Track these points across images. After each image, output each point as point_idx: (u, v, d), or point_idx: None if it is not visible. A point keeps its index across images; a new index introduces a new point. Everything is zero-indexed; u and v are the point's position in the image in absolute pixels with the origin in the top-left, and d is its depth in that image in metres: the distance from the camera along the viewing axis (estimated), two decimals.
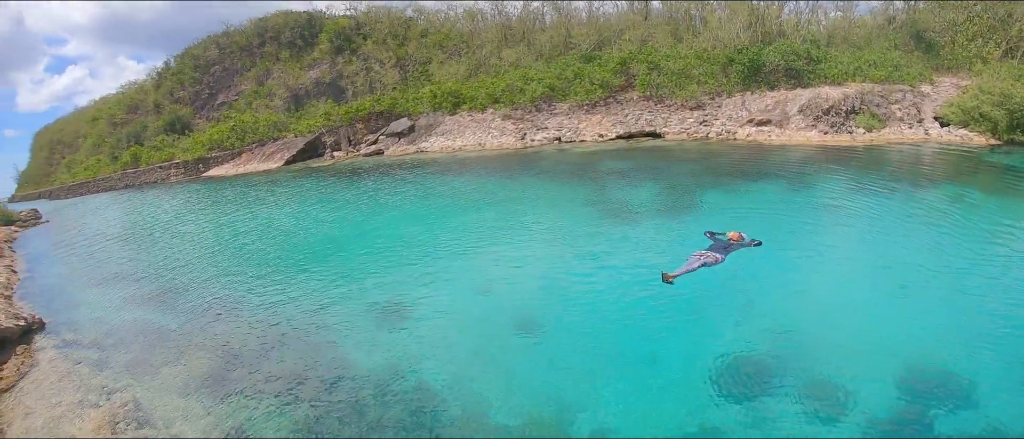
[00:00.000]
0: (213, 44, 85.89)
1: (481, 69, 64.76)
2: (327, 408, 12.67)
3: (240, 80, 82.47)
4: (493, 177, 38.45)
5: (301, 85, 75.25)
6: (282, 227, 32.18)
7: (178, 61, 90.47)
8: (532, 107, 54.18)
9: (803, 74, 44.72)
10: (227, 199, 47.00)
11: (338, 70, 74.30)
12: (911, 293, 15.90)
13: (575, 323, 15.58)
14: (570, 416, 11.66)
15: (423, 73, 69.18)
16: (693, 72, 48.03)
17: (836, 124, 39.70)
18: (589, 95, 51.40)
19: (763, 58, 45.96)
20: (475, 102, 57.98)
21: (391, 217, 31.24)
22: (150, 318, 19.78)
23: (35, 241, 41.07)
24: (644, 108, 49.05)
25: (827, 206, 24.32)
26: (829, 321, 14.77)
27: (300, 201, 39.59)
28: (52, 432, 12.89)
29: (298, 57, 78.56)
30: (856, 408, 11.29)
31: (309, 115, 70.38)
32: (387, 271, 21.31)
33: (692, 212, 24.63)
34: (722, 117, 45.22)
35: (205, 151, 72.80)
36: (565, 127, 51.43)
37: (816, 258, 18.79)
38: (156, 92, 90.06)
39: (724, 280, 16.41)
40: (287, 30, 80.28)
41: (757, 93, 45.35)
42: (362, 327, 16.69)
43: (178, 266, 26.65)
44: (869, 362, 12.59)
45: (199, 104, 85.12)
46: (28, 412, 13.90)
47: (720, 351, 13.38)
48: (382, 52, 72.44)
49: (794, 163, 32.71)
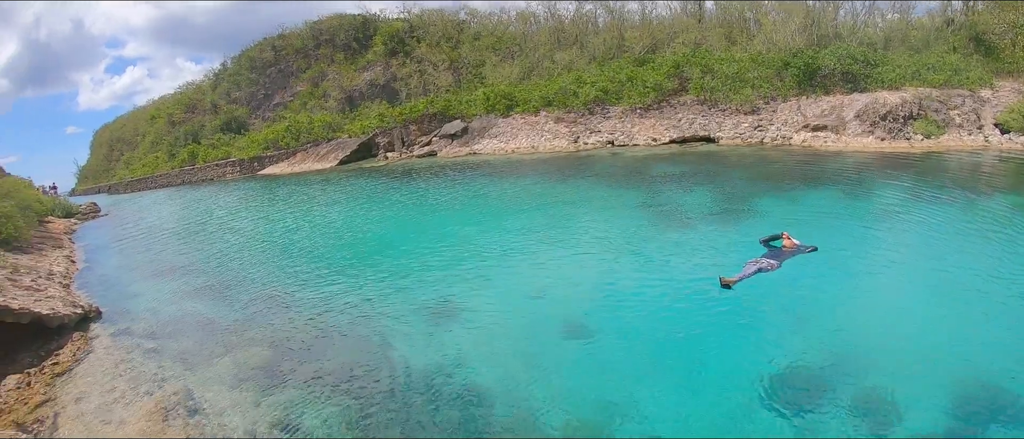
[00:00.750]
0: (269, 46, 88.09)
1: (534, 72, 65.33)
2: (375, 404, 12.77)
3: (295, 81, 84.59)
4: (545, 180, 38.65)
5: (355, 87, 76.95)
6: (334, 225, 32.92)
7: (235, 62, 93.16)
8: (585, 110, 54.42)
9: (859, 78, 44.26)
10: (281, 197, 48.04)
11: (392, 72, 75.80)
12: (969, 306, 15.29)
13: (625, 328, 15.47)
14: (616, 421, 11.60)
15: (476, 75, 70.18)
16: (747, 76, 47.59)
17: (893, 130, 39.17)
18: (642, 98, 51.35)
19: (819, 61, 45.58)
20: (528, 105, 58.50)
21: (443, 218, 31.54)
22: (203, 310, 20.22)
23: (94, 233, 42.27)
24: (698, 112, 48.90)
25: (884, 214, 23.87)
26: (882, 333, 14.41)
27: (353, 200, 40.19)
28: (104, 416, 13.16)
29: (352, 59, 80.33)
30: (906, 424, 11.02)
31: (363, 116, 71.86)
32: (438, 271, 21.48)
33: (746, 218, 24.40)
34: (777, 122, 44.93)
35: (261, 150, 75.08)
36: (618, 131, 51.66)
37: (871, 268, 18.47)
38: (213, 92, 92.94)
39: (778, 287, 16.14)
40: (342, 33, 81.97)
41: (813, 97, 44.95)
42: (412, 325, 16.82)
43: (232, 260, 27.38)
44: (922, 376, 12.27)
45: (255, 104, 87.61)
46: (81, 396, 14.19)
47: (770, 360, 13.19)
48: (435, 54, 73.66)
49: (850, 170, 32.22)
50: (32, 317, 17.14)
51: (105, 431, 12.57)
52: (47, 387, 14.62)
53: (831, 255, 17.80)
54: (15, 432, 11.66)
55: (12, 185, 38.74)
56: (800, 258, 13.42)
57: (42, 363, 15.98)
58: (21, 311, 16.84)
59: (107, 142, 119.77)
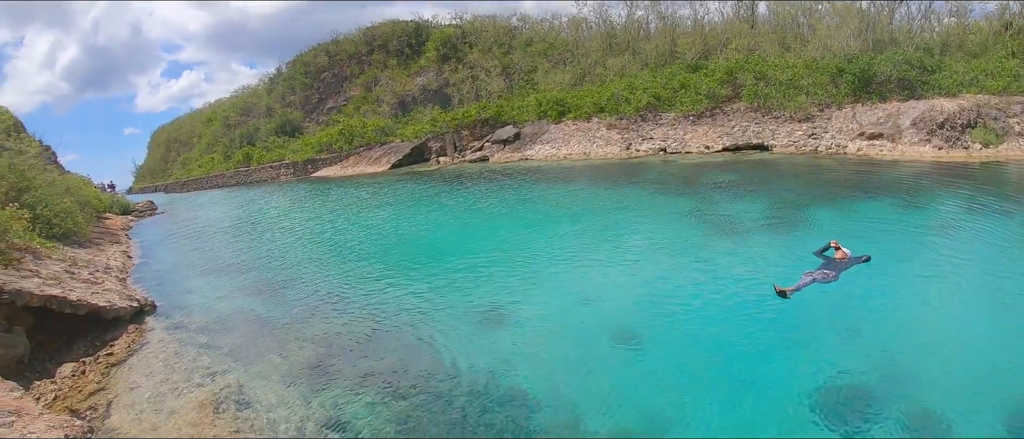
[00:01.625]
0: (323, 51, 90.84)
1: (586, 78, 66.07)
2: (422, 404, 12.87)
3: (349, 86, 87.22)
4: (597, 186, 38.77)
5: (408, 92, 79.05)
6: (385, 227, 33.36)
7: (289, 67, 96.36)
8: (637, 117, 54.79)
9: (916, 85, 43.57)
10: (333, 198, 48.92)
11: (444, 78, 77.71)
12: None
13: (674, 337, 15.35)
14: (662, 431, 11.49)
15: (528, 81, 71.42)
16: (802, 83, 47.19)
17: (951, 139, 38.63)
18: (695, 105, 51.46)
19: (874, 68, 44.97)
20: (580, 111, 59.12)
21: (494, 222, 31.69)
22: (255, 308, 20.45)
23: (150, 230, 43.20)
24: (751, 120, 48.87)
25: (941, 226, 22.79)
26: (938, 351, 13.82)
27: (404, 203, 40.69)
28: (156, 405, 13.47)
29: (405, 65, 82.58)
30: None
31: (415, 121, 73.81)
32: (487, 275, 21.53)
33: (799, 228, 23.99)
34: (832, 130, 44.63)
35: (314, 153, 77.43)
36: (670, 138, 51.96)
37: (926, 281, 17.78)
38: (268, 96, 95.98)
39: (830, 299, 15.83)
40: (395, 39, 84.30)
41: (868, 105, 44.39)
42: (460, 327, 16.85)
43: (284, 259, 27.76)
44: (979, 399, 11.80)
45: (309, 108, 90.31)
46: (134, 386, 14.52)
47: (819, 374, 12.89)
48: (487, 60, 75.25)
49: (907, 180, 31.75)
50: (89, 309, 17.70)
51: (156, 420, 12.95)
52: (102, 376, 15.11)
53: (885, 267, 17.49)
54: (69, 417, 11.75)
55: (72, 182, 40.07)
56: (855, 269, 13.46)
57: (97, 353, 16.53)
58: (78, 302, 17.41)
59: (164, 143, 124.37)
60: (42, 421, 10.20)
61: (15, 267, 17.94)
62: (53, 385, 14.33)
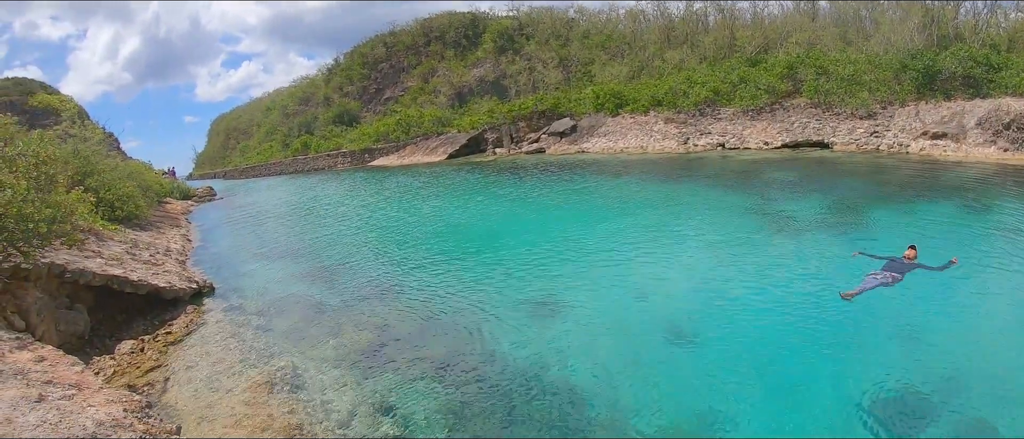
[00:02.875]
0: (380, 43, 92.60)
1: (643, 71, 66.08)
2: (473, 394, 13.01)
3: (406, 77, 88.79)
4: (654, 181, 38.91)
5: (465, 83, 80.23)
6: (441, 217, 33.61)
7: (347, 58, 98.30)
8: (695, 111, 54.77)
9: (982, 83, 42.52)
10: (389, 187, 49.98)
11: (501, 69, 78.73)
12: None
13: (728, 336, 15.27)
14: (711, 431, 11.50)
15: (585, 73, 71.78)
16: (863, 78, 46.44)
17: (1018, 140, 37.74)
18: (754, 100, 51.24)
19: (939, 64, 43.97)
20: (637, 104, 59.35)
21: (549, 215, 31.85)
22: (311, 292, 20.78)
23: (209, 214, 45.09)
24: (811, 116, 48.54)
25: (1007, 232, 22.00)
26: (996, 364, 13.48)
27: (460, 193, 41.32)
28: (212, 384, 13.78)
29: (462, 56, 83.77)
30: None
31: (472, 112, 74.78)
32: (541, 267, 21.64)
33: (860, 229, 23.65)
34: (894, 128, 44.15)
35: (371, 142, 79.40)
36: (728, 133, 52.05)
37: (990, 290, 17.54)
38: (326, 86, 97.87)
39: (892, 304, 15.83)
40: (451, 30, 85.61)
41: (932, 103, 43.54)
42: (513, 320, 16.87)
43: (340, 246, 28.19)
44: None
45: (366, 98, 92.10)
46: (191, 365, 14.88)
47: (875, 381, 12.73)
48: (544, 52, 75.92)
49: (972, 182, 31.06)
50: (149, 289, 18.35)
51: (212, 397, 13.24)
52: (160, 354, 15.53)
53: (948, 276, 16.61)
54: (127, 392, 11.83)
55: (134, 168, 41.80)
56: (920, 274, 13.18)
57: (156, 332, 17.03)
58: (139, 282, 18.09)
59: (223, 131, 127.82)
60: (102, 395, 10.59)
61: (79, 247, 18.86)
62: (112, 361, 14.93)
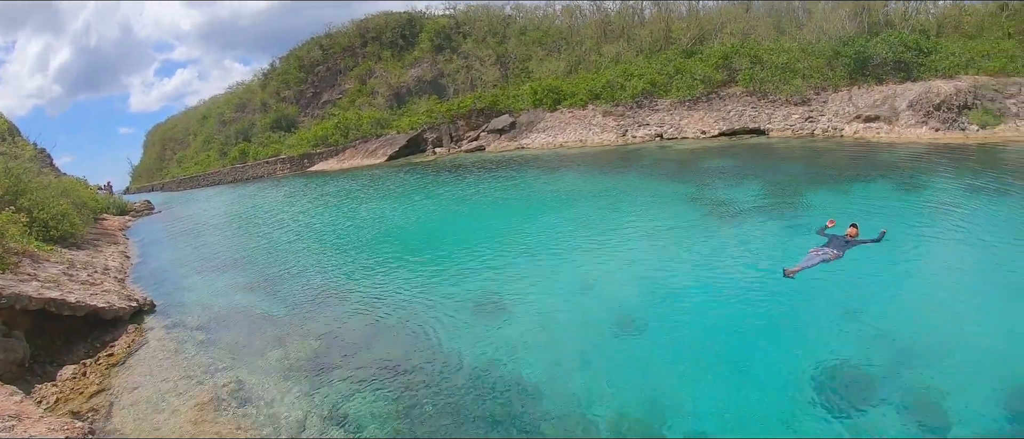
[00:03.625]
0: (316, 45, 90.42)
1: (581, 65, 65.72)
2: (423, 396, 12.87)
3: (343, 79, 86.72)
4: (594, 174, 38.73)
5: (403, 83, 78.57)
6: (383, 220, 33.11)
7: (283, 62, 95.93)
8: (633, 104, 54.60)
9: (912, 67, 43.33)
10: (330, 192, 48.88)
11: (439, 68, 77.25)
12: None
13: (674, 323, 15.34)
14: (663, 418, 11.56)
15: (523, 70, 70.95)
16: (797, 66, 47.02)
17: (947, 120, 38.43)
18: (690, 91, 51.32)
19: (870, 50, 44.69)
20: (575, 99, 59.04)
21: (491, 212, 31.80)
22: (254, 303, 20.46)
23: (147, 229, 43.35)
24: (747, 104, 48.69)
25: (940, 208, 22.97)
26: (937, 331, 13.96)
27: (401, 195, 40.74)
28: (157, 405, 13.42)
29: (399, 56, 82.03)
30: (958, 427, 10.79)
31: (411, 112, 73.49)
32: (486, 265, 21.50)
33: (798, 213, 24.04)
34: (828, 113, 44.56)
35: (310, 147, 77.27)
36: (666, 124, 51.84)
37: (926, 263, 18.15)
38: (262, 92, 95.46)
39: (831, 282, 16.11)
40: (388, 30, 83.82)
41: (864, 88, 44.19)
42: (460, 320, 16.82)
43: (281, 255, 27.72)
44: (977, 378, 11.96)
45: (304, 103, 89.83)
46: (135, 386, 14.47)
47: (820, 357, 13.00)
48: (482, 50, 74.81)
49: (904, 162, 31.59)
50: (88, 310, 17.69)
51: (158, 419, 12.91)
52: (102, 377, 15.04)
53: (885, 250, 17.43)
54: (72, 420, 11.84)
55: (68, 185, 40.09)
56: (859, 250, 13.37)
57: (98, 354, 16.50)
58: (78, 304, 17.42)
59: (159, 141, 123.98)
60: (43, 424, 10.37)
61: (13, 271, 17.99)
62: (54, 388, 14.34)
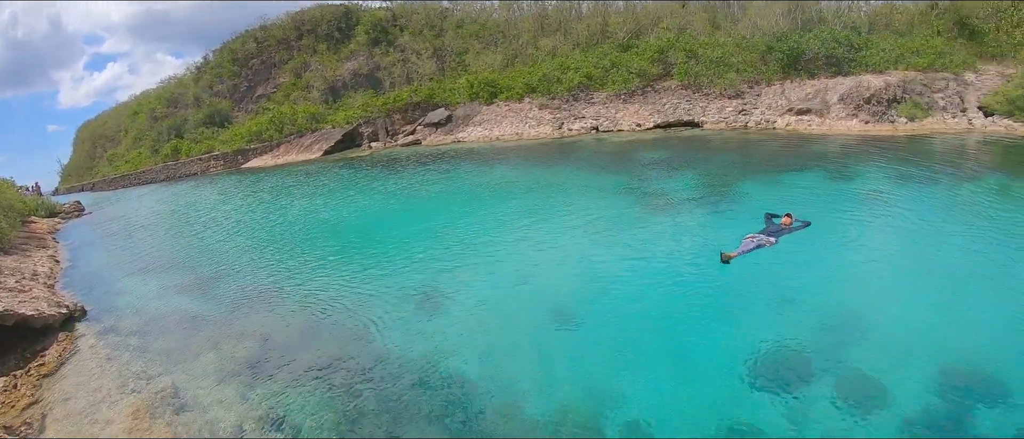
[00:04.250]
0: (251, 38, 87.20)
1: (518, 59, 65.00)
2: (362, 395, 12.76)
3: (278, 73, 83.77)
4: (530, 167, 38.71)
5: (338, 77, 76.27)
6: (319, 217, 32.77)
7: (217, 55, 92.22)
8: (569, 96, 54.55)
9: (844, 62, 44.44)
10: (265, 189, 47.84)
11: (375, 62, 75.09)
12: (953, 287, 15.56)
13: (612, 313, 15.48)
14: (604, 409, 11.61)
15: (460, 63, 69.56)
16: (732, 60, 47.76)
17: (877, 113, 39.27)
18: (626, 84, 51.57)
19: (803, 45, 45.70)
20: (512, 92, 58.53)
21: (427, 206, 31.41)
22: (188, 306, 20.18)
23: (78, 232, 42.15)
24: (682, 97, 49.05)
25: (869, 197, 23.80)
26: (868, 315, 14.38)
27: (337, 191, 40.23)
28: (91, 416, 13.08)
29: (335, 49, 79.51)
30: (892, 406, 11.15)
31: (347, 106, 71.71)
32: (423, 260, 21.44)
33: (731, 201, 24.49)
34: (761, 106, 45.07)
35: (244, 143, 74.79)
36: (602, 116, 51.75)
37: (857, 250, 18.65)
38: (195, 86, 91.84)
39: (766, 269, 16.38)
40: (324, 23, 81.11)
41: (797, 82, 45.06)
42: (398, 316, 16.73)
43: (216, 255, 27.30)
44: (908, 358, 12.35)
45: (238, 97, 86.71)
46: (68, 396, 14.15)
47: (757, 343, 13.26)
48: (419, 43, 72.89)
49: (835, 153, 32.45)
50: (17, 319, 17.03)
51: (92, 430, 12.59)
52: (34, 389, 14.66)
53: (817, 236, 17.66)
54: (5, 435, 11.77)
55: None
56: (794, 236, 13.47)
57: (28, 365, 15.95)
58: (6, 313, 16.74)
59: (89, 139, 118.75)
60: None
61: None
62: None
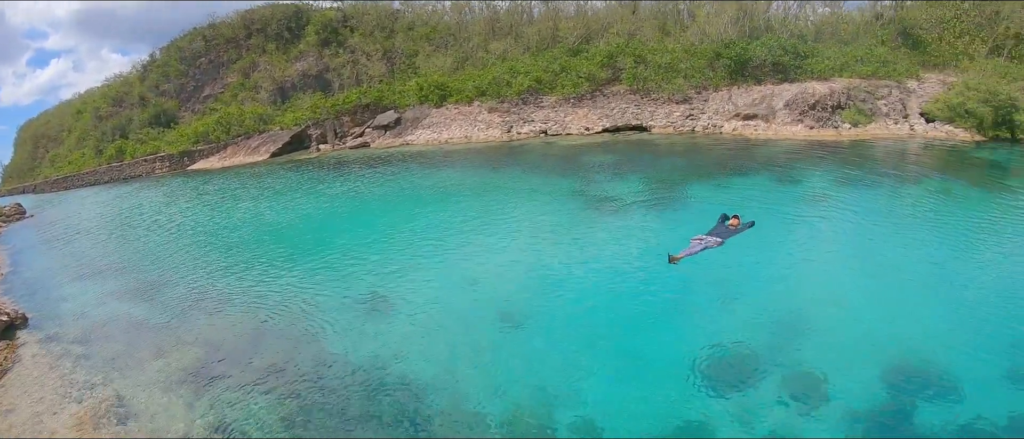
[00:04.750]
0: (199, 36, 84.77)
1: (468, 62, 64.41)
2: (311, 400, 12.74)
3: (226, 73, 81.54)
4: (479, 170, 38.79)
5: (287, 78, 74.56)
6: (266, 220, 32.16)
7: (164, 53, 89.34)
8: (518, 100, 54.23)
9: (790, 69, 45.09)
10: (212, 192, 46.92)
11: (325, 63, 73.54)
12: (894, 286, 16.21)
13: (560, 315, 15.71)
14: (553, 409, 11.76)
15: (410, 66, 68.53)
16: (680, 66, 48.20)
17: (822, 119, 40.06)
18: (575, 88, 51.60)
19: (750, 53, 46.33)
20: (462, 95, 57.92)
21: (376, 209, 31.19)
22: (133, 312, 19.81)
23: (18, 236, 40.92)
24: (630, 102, 49.25)
25: (813, 200, 24.35)
26: (813, 314, 14.82)
27: (284, 194, 39.57)
28: (34, 428, 12.86)
29: (285, 49, 77.65)
30: (837, 401, 11.44)
31: (295, 108, 70.05)
32: (372, 263, 21.35)
33: (678, 205, 24.87)
34: (709, 111, 45.48)
35: (190, 144, 72.66)
36: (551, 120, 51.48)
37: (802, 251, 19.05)
38: (141, 85, 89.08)
39: (713, 271, 16.69)
40: (274, 22, 79.19)
41: (744, 88, 45.72)
42: (347, 320, 16.71)
43: (161, 259, 26.72)
44: (852, 355, 12.74)
45: (185, 97, 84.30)
46: (10, 408, 13.86)
47: (704, 343, 13.54)
48: (369, 45, 71.61)
49: (780, 157, 33.09)
50: None
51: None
52: None
53: (763, 237, 18.08)
54: None
55: None
56: (740, 237, 13.59)
57: None
58: None
59: (31, 139, 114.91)
60: None
61: None
62: None
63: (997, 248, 18.85)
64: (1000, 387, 11.76)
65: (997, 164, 30.53)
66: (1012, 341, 13.26)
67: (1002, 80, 37.79)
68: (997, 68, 40.77)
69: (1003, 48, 44.18)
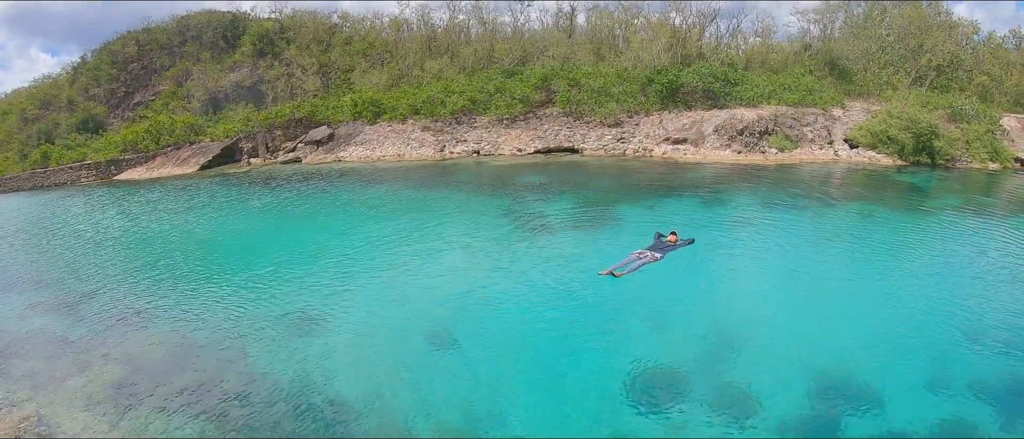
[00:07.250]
0: (132, 40, 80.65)
1: (403, 79, 62.91)
2: (237, 421, 12.35)
3: (158, 79, 77.55)
4: (410, 188, 38.18)
5: (221, 88, 71.30)
6: (193, 235, 30.82)
7: (95, 56, 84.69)
8: (452, 119, 52.99)
9: (720, 95, 45.39)
10: (137, 203, 44.33)
11: (259, 74, 70.62)
12: (821, 301, 16.94)
13: (490, 334, 15.63)
14: (483, 428, 11.71)
15: (345, 81, 66.61)
16: (613, 90, 48.00)
17: (750, 144, 40.31)
18: (509, 109, 50.70)
19: (682, 79, 46.50)
20: (396, 112, 56.21)
21: (306, 226, 30.36)
22: (54, 327, 18.78)
23: None
24: (563, 124, 48.75)
25: (740, 221, 24.76)
26: (740, 330, 15.10)
27: (213, 208, 37.76)
28: None
29: (219, 59, 74.34)
30: (765, 412, 11.69)
31: (227, 119, 66.67)
32: (300, 281, 20.82)
33: (607, 225, 24.98)
34: (640, 135, 45.28)
35: (118, 152, 68.02)
36: (484, 140, 50.43)
37: (729, 270, 19.55)
38: (70, 88, 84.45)
39: (642, 290, 16.67)
40: (209, 30, 75.84)
41: (674, 113, 45.80)
42: (274, 338, 16.28)
43: (83, 272, 25.16)
44: (778, 368, 13.09)
45: (115, 102, 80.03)
46: None
47: (633, 359, 13.59)
48: (305, 58, 69.21)
49: (709, 180, 33.51)
50: None
51: None
52: None
53: (692, 258, 18.36)
54: None
55: None
56: (672, 256, 13.89)
57: None
58: None
59: None
60: None
61: None
62: None
63: (917, 265, 19.93)
64: (920, 395, 12.30)
65: (917, 187, 31.68)
66: (931, 352, 13.92)
67: (923, 109, 39.02)
68: (919, 97, 41.92)
69: (925, 79, 45.89)
